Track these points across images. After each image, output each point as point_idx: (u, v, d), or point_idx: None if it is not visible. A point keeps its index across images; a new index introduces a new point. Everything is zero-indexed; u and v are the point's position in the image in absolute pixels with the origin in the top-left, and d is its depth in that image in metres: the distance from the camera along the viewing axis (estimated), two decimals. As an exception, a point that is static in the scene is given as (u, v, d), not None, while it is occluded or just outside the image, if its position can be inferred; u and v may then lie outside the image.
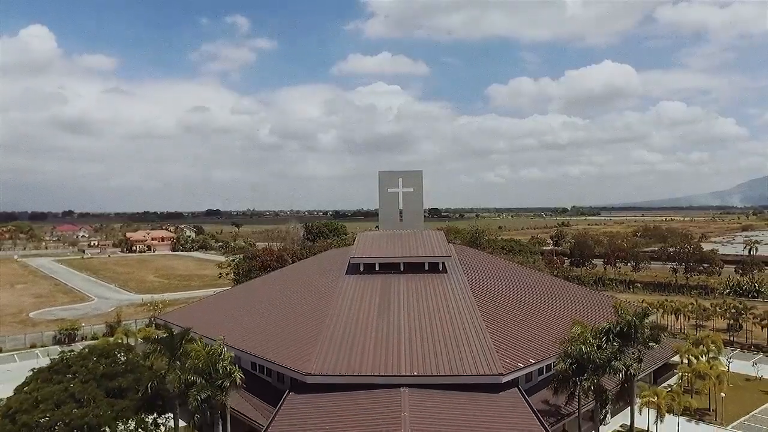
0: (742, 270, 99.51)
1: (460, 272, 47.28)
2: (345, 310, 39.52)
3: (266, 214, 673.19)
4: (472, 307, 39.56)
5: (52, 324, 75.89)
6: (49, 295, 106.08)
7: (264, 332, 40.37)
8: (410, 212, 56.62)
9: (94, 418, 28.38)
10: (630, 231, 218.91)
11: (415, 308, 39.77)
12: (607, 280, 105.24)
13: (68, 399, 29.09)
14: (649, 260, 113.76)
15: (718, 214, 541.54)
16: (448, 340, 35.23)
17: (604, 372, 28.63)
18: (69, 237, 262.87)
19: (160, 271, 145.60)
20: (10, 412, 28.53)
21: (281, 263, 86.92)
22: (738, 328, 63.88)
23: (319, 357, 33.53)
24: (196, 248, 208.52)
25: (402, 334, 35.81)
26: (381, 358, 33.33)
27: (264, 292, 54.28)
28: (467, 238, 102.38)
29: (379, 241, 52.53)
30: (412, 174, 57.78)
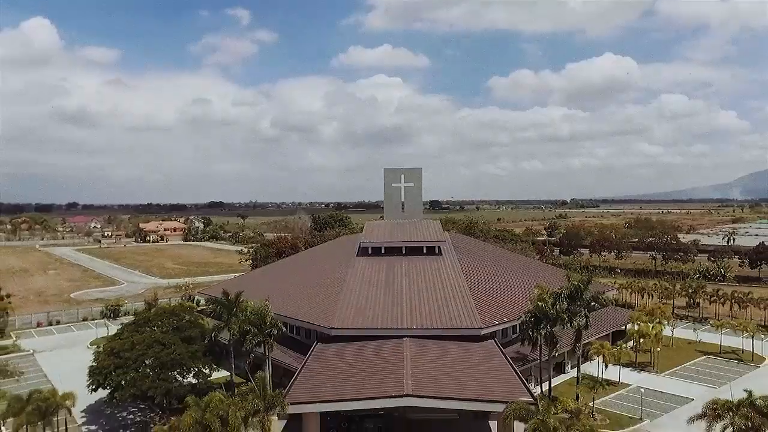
0: (713, 258, 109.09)
1: (452, 254, 56.82)
2: (358, 282, 49.25)
3: (269, 206, 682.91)
4: (460, 280, 49.23)
5: (93, 303, 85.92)
6: (81, 280, 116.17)
7: (293, 299, 50.04)
8: (411, 204, 66.14)
9: (177, 356, 38.25)
10: (622, 223, 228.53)
11: (415, 281, 49.43)
12: (591, 267, 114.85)
13: (154, 343, 38.89)
14: (631, 249, 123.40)
15: (716, 207, 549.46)
16: (440, 303, 44.98)
17: (555, 324, 38.24)
18: (82, 228, 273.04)
19: (177, 259, 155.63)
20: (114, 351, 38.34)
21: (295, 250, 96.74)
22: (695, 304, 73.64)
23: (339, 315, 43.28)
24: (207, 238, 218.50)
25: (404, 299, 45.53)
26: (388, 316, 43.06)
27: (287, 271, 64.08)
28: (462, 227, 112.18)
29: (385, 229, 62.14)
30: (413, 171, 67.24)
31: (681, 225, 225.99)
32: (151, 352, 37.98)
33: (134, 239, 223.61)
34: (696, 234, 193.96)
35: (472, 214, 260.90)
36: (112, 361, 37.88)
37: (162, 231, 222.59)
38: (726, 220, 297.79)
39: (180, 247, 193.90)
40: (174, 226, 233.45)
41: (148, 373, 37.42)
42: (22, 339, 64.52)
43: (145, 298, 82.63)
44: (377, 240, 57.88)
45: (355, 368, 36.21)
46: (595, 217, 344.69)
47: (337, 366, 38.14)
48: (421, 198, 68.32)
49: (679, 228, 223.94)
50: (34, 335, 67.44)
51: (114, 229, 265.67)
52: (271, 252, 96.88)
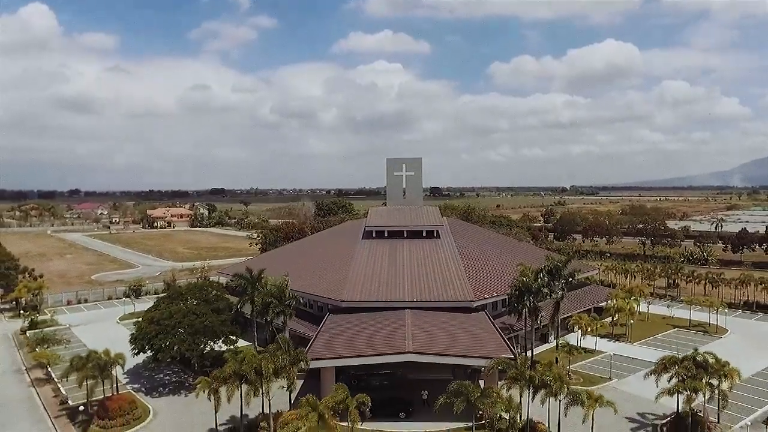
0: (699, 243, 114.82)
1: (449, 237, 62.50)
2: (364, 261, 55.05)
3: (270, 192, 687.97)
4: (456, 260, 54.99)
5: (114, 284, 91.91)
6: (98, 263, 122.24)
7: (306, 277, 55.79)
8: (412, 191, 71.68)
9: (208, 324, 44.19)
10: (617, 210, 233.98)
11: (415, 261, 55.19)
12: (583, 252, 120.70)
13: (189, 313, 44.80)
14: (621, 235, 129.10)
15: (715, 194, 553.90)
16: (437, 279, 50.81)
17: (536, 296, 44.02)
18: (90, 214, 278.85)
19: (187, 244, 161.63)
20: (154, 320, 44.27)
21: (302, 234, 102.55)
22: (674, 285, 79.52)
23: (349, 290, 49.13)
24: (213, 224, 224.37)
25: (405, 276, 51.34)
26: (391, 291, 48.90)
27: (297, 253, 69.86)
28: (460, 213, 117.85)
29: (388, 214, 67.79)
30: (414, 160, 72.66)
31: (675, 212, 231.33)
32: (186, 320, 43.92)
33: (142, 225, 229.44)
34: (688, 220, 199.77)
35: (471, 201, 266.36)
36: (154, 329, 43.85)
37: (169, 217, 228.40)
38: (721, 207, 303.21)
39: (188, 233, 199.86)
40: (180, 212, 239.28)
41: (184, 338, 43.40)
42: (56, 315, 70.52)
43: (164, 279, 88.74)
44: (381, 224, 63.54)
45: (363, 333, 42.15)
46: (593, 204, 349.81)
47: (348, 331, 44.10)
48: (421, 186, 73.85)
49: (672, 215, 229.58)
50: (66, 312, 73.47)
51: (120, 215, 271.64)
52: (279, 236, 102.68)
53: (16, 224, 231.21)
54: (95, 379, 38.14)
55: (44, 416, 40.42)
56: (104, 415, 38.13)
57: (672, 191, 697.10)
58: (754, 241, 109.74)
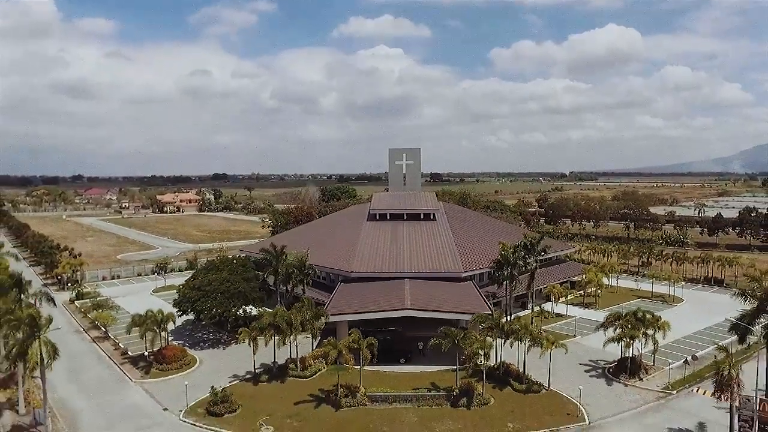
0: (678, 227, 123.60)
1: (444, 220, 71.19)
2: (369, 239, 63.86)
3: (272, 178, 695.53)
4: (449, 239, 63.77)
5: (140, 263, 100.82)
6: (119, 245, 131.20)
7: (319, 252, 64.43)
8: (411, 178, 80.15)
9: (241, 290, 53.15)
10: (610, 195, 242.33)
11: (413, 239, 63.97)
12: (571, 234, 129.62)
13: (224, 281, 53.74)
14: (608, 219, 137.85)
15: (713, 180, 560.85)
16: (432, 254, 59.64)
17: (514, 267, 52.81)
18: (100, 200, 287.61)
19: (199, 227, 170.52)
20: (196, 286, 53.24)
21: (309, 218, 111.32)
22: (648, 263, 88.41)
23: (357, 263, 57.98)
24: (221, 209, 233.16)
25: (404, 252, 60.15)
26: (393, 263, 57.73)
27: (308, 233, 78.61)
28: (456, 198, 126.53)
29: (389, 199, 76.43)
30: (413, 150, 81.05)
31: (666, 197, 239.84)
32: (222, 287, 52.89)
33: (152, 210, 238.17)
34: (678, 206, 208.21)
35: (470, 187, 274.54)
36: (196, 294, 52.86)
37: (178, 202, 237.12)
38: (713, 194, 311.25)
39: (197, 217, 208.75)
40: (189, 198, 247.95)
41: (221, 301, 52.40)
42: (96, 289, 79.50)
43: (187, 258, 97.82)
44: (383, 208, 72.25)
45: (370, 296, 51.11)
46: (590, 190, 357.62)
47: (357, 295, 53.07)
48: (419, 173, 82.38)
49: (663, 200, 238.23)
50: (103, 286, 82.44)
51: (129, 200, 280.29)
52: (289, 219, 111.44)
53: (30, 209, 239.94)
54: (154, 332, 47.21)
55: (111, 364, 49.57)
56: (162, 360, 47.27)
57: (671, 177, 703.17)
58: (728, 225, 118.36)
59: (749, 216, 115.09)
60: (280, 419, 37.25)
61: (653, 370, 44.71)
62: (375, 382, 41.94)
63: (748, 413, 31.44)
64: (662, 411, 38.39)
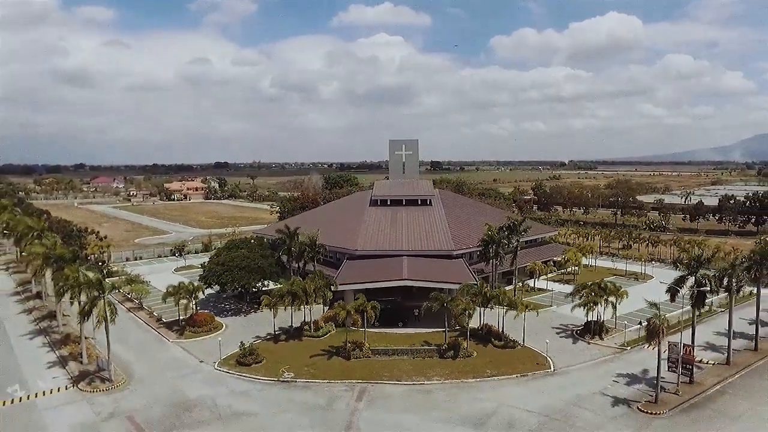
0: (662, 213, 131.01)
1: (440, 205, 78.53)
2: (372, 222, 71.32)
3: (273, 166, 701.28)
4: (443, 221, 71.21)
5: (157, 246, 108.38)
6: (134, 230, 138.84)
7: (326, 233, 71.83)
8: (410, 167, 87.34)
9: (260, 266, 60.75)
10: (604, 184, 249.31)
11: (411, 222, 71.40)
12: (562, 221, 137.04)
13: (244, 257, 61.30)
14: (597, 206, 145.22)
15: (711, 170, 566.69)
16: (428, 235, 67.14)
17: (499, 246, 60.25)
18: (107, 188, 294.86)
19: (207, 214, 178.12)
20: (220, 262, 60.83)
21: (315, 204, 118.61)
22: (628, 246, 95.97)
23: (361, 242, 65.50)
24: (227, 197, 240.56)
25: (403, 233, 67.63)
26: (392, 243, 65.24)
27: (315, 217, 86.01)
28: (453, 186, 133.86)
29: (389, 186, 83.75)
30: (411, 141, 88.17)
31: (658, 186, 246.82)
32: (244, 263, 60.50)
33: (159, 198, 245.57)
34: (668, 194, 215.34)
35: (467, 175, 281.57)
36: (220, 268, 60.49)
37: (185, 190, 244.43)
38: (706, 182, 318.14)
39: (204, 205, 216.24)
40: (196, 186, 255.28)
41: (243, 275, 60.01)
42: (123, 269, 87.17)
43: (202, 241, 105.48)
44: (384, 194, 79.59)
45: (372, 269, 58.73)
46: (587, 178, 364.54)
47: (362, 269, 60.65)
48: (417, 163, 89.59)
49: (655, 189, 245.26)
50: (128, 266, 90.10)
51: (136, 188, 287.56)
52: (296, 205, 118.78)
53: (42, 197, 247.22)
54: (187, 299, 54.94)
55: (148, 329, 57.31)
56: (193, 324, 54.98)
57: (670, 166, 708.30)
58: (708, 212, 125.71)
59: (728, 203, 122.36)
60: (298, 367, 45.01)
61: (614, 331, 52.39)
62: (377, 340, 49.67)
63: (675, 356, 39.11)
64: (615, 362, 46.13)
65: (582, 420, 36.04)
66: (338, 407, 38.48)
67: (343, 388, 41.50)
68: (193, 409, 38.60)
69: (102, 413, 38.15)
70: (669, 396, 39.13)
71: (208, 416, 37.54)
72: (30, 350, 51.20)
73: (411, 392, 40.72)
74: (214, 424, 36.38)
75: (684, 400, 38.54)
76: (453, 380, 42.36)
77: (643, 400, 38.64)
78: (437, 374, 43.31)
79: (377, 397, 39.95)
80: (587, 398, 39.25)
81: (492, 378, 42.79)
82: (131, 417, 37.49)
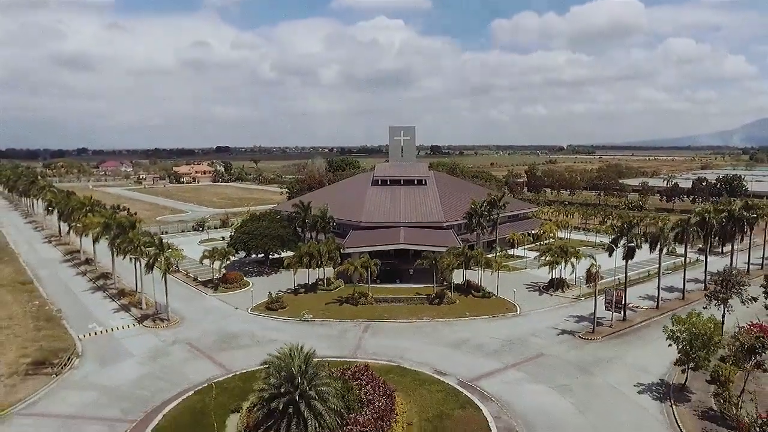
0: (641, 195, 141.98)
1: (434, 185, 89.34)
2: (374, 199, 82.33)
3: (273, 151, 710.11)
4: (436, 198, 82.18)
5: (178, 223, 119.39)
6: (153, 209, 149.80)
7: (334, 208, 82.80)
8: (407, 151, 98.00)
9: (280, 234, 71.91)
10: (595, 168, 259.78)
11: (408, 198, 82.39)
12: (549, 201, 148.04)
13: (266, 227, 72.42)
14: (582, 189, 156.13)
15: (708, 154, 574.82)
16: (422, 210, 78.22)
17: (481, 217, 71.25)
18: (117, 172, 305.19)
19: (218, 195, 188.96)
20: (245, 231, 71.99)
21: (321, 185, 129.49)
22: (604, 222, 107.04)
23: (364, 215, 76.59)
24: (234, 180, 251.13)
25: (400, 207, 78.69)
26: (392, 216, 76.32)
27: (322, 195, 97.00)
28: (447, 169, 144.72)
29: (389, 168, 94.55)
30: (409, 128, 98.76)
31: (646, 170, 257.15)
32: (266, 231, 71.63)
33: (168, 181, 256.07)
34: (655, 178, 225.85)
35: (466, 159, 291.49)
36: (246, 237, 71.66)
37: (194, 173, 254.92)
38: (696, 167, 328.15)
39: (214, 187, 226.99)
40: (204, 169, 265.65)
41: (265, 242, 71.18)
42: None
43: (220, 218, 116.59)
44: (384, 175, 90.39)
45: (374, 237, 69.92)
46: (582, 163, 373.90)
47: (365, 237, 71.80)
48: (414, 147, 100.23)
49: (644, 173, 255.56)
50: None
51: (143, 172, 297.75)
52: (303, 186, 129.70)
53: (57, 180, 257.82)
54: (221, 260, 66.22)
55: (187, 286, 68.57)
56: (226, 282, 66.30)
57: (668, 151, 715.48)
58: (683, 193, 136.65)
59: (700, 185, 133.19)
60: (315, 311, 56.37)
61: (573, 287, 63.68)
62: (379, 292, 60.99)
63: (610, 297, 50.44)
64: (570, 308, 57.48)
65: (534, 343, 47.44)
66: (348, 336, 49.89)
67: (352, 324, 52.90)
68: (236, 338, 50.06)
69: (167, 341, 49.58)
70: (605, 329, 50.53)
71: (249, 342, 48.97)
72: (95, 301, 62.65)
73: (405, 327, 52.14)
74: (254, 347, 47.71)
75: (615, 330, 49.97)
76: (438, 319, 53.75)
77: (584, 331, 50.03)
78: (426, 315, 54.68)
79: (379, 330, 51.37)
80: (542, 331, 50.64)
81: (469, 318, 54.17)
82: (190, 343, 48.95)
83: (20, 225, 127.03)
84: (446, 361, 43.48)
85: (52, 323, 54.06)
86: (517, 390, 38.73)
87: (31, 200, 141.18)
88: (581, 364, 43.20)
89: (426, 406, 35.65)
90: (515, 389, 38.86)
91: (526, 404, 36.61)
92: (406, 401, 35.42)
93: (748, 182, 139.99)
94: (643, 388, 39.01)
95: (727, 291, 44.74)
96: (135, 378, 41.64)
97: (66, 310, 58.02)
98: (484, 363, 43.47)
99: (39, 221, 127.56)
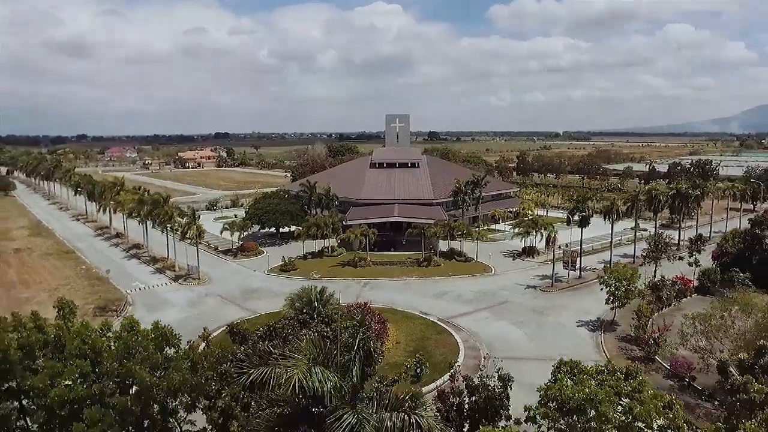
0: (621, 178, 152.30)
1: (426, 167, 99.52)
2: (372, 179, 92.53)
3: (272, 137, 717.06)
4: (427, 179, 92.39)
5: (193, 203, 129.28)
6: (165, 192, 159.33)
7: (336, 188, 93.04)
8: (402, 137, 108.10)
9: (289, 210, 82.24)
10: (585, 153, 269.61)
11: (403, 179, 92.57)
12: (535, 184, 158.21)
13: (277, 204, 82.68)
14: (567, 172, 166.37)
15: (702, 141, 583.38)
16: (414, 189, 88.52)
17: (465, 195, 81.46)
18: (124, 157, 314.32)
19: (224, 179, 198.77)
20: (259, 207, 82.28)
21: (322, 169, 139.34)
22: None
23: (364, 193, 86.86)
24: (237, 164, 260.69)
25: (395, 186, 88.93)
26: (387, 194, 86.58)
27: (326, 177, 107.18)
28: (440, 153, 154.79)
29: (386, 152, 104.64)
30: (404, 116, 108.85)
31: (634, 156, 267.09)
32: (278, 207, 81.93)
33: (173, 166, 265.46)
34: (641, 163, 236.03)
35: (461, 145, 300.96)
36: (259, 212, 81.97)
37: (199, 159, 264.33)
38: (684, 153, 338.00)
39: (219, 171, 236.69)
40: (208, 154, 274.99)
41: (277, 216, 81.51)
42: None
43: (231, 199, 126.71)
44: (381, 159, 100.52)
45: (372, 212, 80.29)
46: (576, 149, 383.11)
47: (364, 211, 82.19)
48: (408, 133, 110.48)
49: (632, 158, 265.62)
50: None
51: (149, 157, 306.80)
52: (306, 170, 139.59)
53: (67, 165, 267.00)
54: (239, 232, 76.58)
55: (210, 254, 78.87)
56: (243, 250, 76.73)
57: (664, 137, 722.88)
58: (659, 177, 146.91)
59: (675, 169, 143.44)
60: (322, 272, 66.86)
61: (543, 253, 74.18)
62: (376, 258, 71.46)
63: (567, 258, 61.01)
64: (537, 270, 68.04)
65: (502, 295, 58.08)
66: (350, 291, 60.35)
67: (353, 281, 63.45)
68: (258, 291, 60.64)
69: (200, 294, 60.13)
70: (562, 284, 61.19)
71: (267, 293, 59.51)
72: (133, 266, 73.16)
73: (398, 283, 62.73)
74: (272, 297, 58.21)
75: (570, 285, 60.68)
76: (426, 278, 64.34)
77: (545, 286, 60.70)
78: (416, 275, 65.25)
79: (376, 286, 61.95)
80: (510, 286, 61.27)
81: (451, 277, 64.75)
82: (220, 295, 59.51)
83: (45, 206, 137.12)
84: (429, 307, 54.06)
85: (102, 281, 64.59)
86: (483, 324, 49.42)
87: (53, 183, 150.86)
88: (537, 308, 53.86)
89: (411, 332, 46.34)
90: (482, 324, 49.54)
91: (489, 333, 47.29)
92: (396, 329, 46.02)
93: (722, 167, 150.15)
94: (582, 323, 49.72)
95: (657, 252, 55.27)
96: (180, 319, 52.12)
97: (111, 272, 68.49)
98: (459, 307, 54.10)
99: (62, 202, 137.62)
